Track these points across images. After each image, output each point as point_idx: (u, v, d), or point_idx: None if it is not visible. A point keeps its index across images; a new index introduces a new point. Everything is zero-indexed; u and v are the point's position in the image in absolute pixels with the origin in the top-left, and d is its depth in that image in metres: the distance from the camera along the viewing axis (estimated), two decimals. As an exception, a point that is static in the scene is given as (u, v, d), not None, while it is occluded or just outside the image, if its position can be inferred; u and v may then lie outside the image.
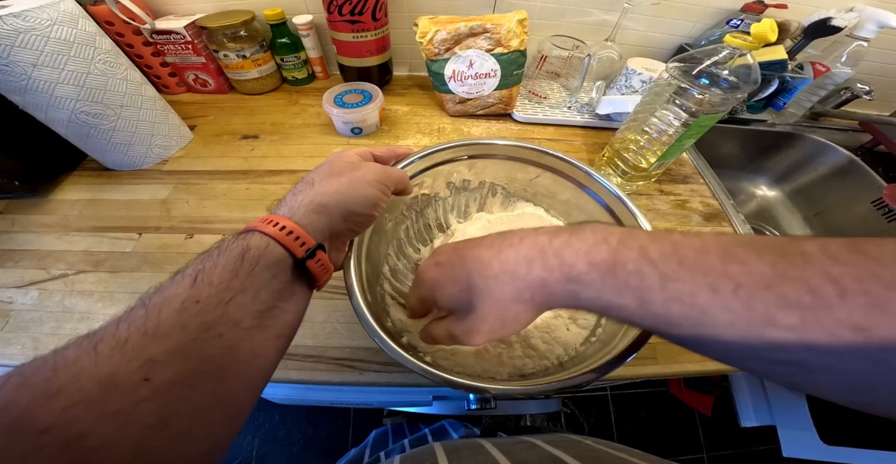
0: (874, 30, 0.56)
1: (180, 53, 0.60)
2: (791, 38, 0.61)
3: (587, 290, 0.18)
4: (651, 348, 0.39)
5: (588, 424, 1.10)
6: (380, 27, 0.58)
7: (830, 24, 0.56)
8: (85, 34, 0.42)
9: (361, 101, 0.56)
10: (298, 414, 1.06)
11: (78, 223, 0.47)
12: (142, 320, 0.16)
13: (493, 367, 0.34)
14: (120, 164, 0.53)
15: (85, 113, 0.45)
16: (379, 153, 0.30)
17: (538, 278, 0.19)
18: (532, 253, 0.20)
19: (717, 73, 0.39)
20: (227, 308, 0.18)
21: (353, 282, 0.28)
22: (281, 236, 0.21)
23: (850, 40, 0.58)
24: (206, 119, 0.62)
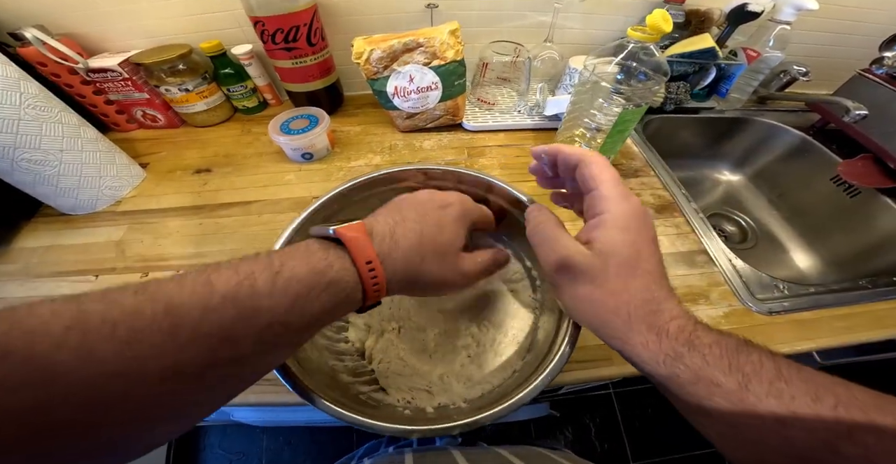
0: (792, 13, 0.57)
1: (121, 90, 0.60)
2: (717, 25, 0.62)
3: (695, 356, 0.19)
4: (604, 349, 0.39)
5: (594, 424, 1.09)
6: (318, 51, 0.58)
7: (748, 9, 0.57)
8: (8, 80, 0.42)
9: (308, 126, 0.56)
10: (303, 435, 1.06)
11: (38, 269, 0.47)
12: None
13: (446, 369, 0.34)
14: (73, 208, 0.52)
15: (26, 160, 0.45)
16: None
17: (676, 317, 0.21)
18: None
19: (632, 66, 0.39)
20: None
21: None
22: (369, 289, 0.22)
23: (773, 24, 0.60)
24: (159, 155, 0.63)
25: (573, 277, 0.22)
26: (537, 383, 0.26)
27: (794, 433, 0.17)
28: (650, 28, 0.36)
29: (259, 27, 0.52)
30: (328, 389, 0.27)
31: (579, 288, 0.22)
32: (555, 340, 0.29)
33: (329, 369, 0.31)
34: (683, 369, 0.19)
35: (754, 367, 0.19)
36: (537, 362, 0.29)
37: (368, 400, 0.30)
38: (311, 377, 0.27)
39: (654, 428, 1.08)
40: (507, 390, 0.29)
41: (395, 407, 0.31)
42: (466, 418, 0.24)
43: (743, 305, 0.43)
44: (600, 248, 0.22)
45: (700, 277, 0.45)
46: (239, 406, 0.37)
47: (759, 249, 0.71)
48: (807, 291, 0.45)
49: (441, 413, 0.31)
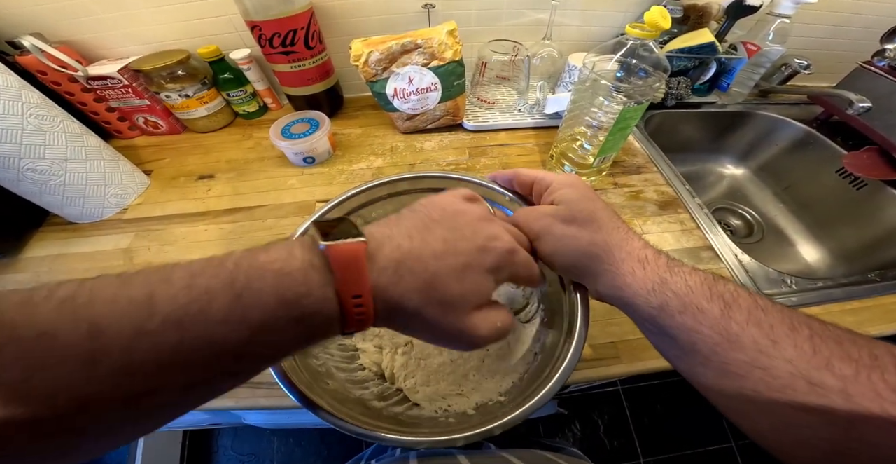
0: (791, 6, 0.57)
1: (122, 97, 0.60)
2: (716, 20, 0.62)
3: (678, 282, 0.21)
4: (614, 347, 0.39)
5: (602, 421, 1.09)
6: (316, 55, 0.58)
7: (746, 3, 0.57)
8: (9, 89, 0.42)
9: (308, 130, 0.56)
10: (313, 437, 1.07)
11: (48, 278, 0.47)
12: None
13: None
14: (79, 216, 0.53)
15: (31, 170, 0.45)
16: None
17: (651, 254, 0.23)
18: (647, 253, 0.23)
19: (631, 63, 0.39)
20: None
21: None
22: (352, 322, 0.18)
23: (773, 18, 0.59)
24: (163, 162, 0.63)
25: (552, 223, 0.25)
26: (569, 359, 0.26)
27: (775, 363, 0.17)
28: (648, 25, 0.36)
29: (256, 32, 0.52)
30: (365, 416, 0.27)
31: (560, 230, 0.24)
32: (573, 320, 0.29)
33: (357, 398, 0.31)
34: (671, 296, 0.20)
35: (732, 295, 0.19)
36: (560, 342, 0.29)
37: (407, 419, 0.30)
38: (344, 406, 0.27)
39: (663, 424, 1.08)
40: (537, 374, 0.29)
41: (437, 418, 0.31)
42: (510, 415, 0.25)
43: (749, 300, 0.43)
44: (560, 199, 0.26)
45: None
46: (252, 410, 0.37)
47: (766, 243, 0.71)
48: (815, 286, 0.44)
49: (483, 412, 0.31)
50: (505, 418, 0.24)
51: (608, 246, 0.23)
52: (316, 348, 0.32)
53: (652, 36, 0.37)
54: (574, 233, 0.24)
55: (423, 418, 0.32)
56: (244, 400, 0.37)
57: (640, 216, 0.51)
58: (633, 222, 0.50)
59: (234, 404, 0.37)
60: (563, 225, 0.25)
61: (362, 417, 0.26)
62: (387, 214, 0.37)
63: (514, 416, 0.25)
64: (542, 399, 0.25)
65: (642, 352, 0.39)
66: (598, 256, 0.23)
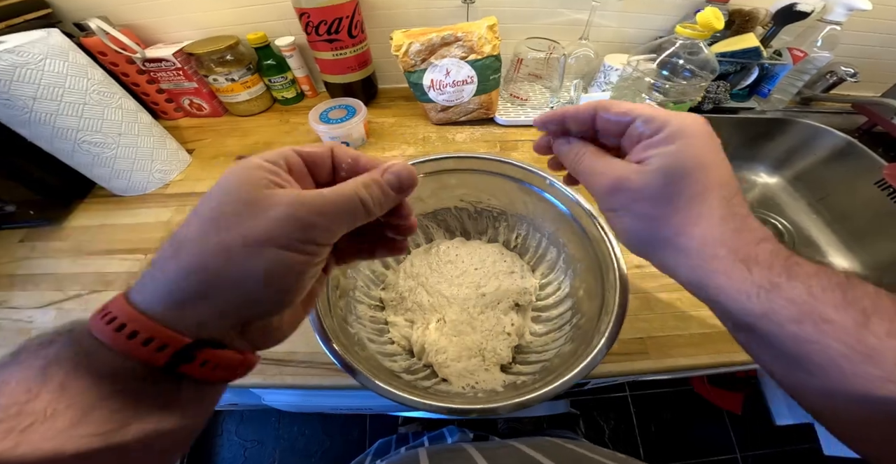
0: (844, 13, 0.55)
1: (173, 80, 0.63)
2: (762, 25, 0.61)
3: (796, 287, 0.16)
4: (641, 342, 0.39)
5: (608, 426, 1.07)
6: (358, 44, 0.60)
7: (797, 9, 0.56)
8: (77, 66, 0.45)
9: (346, 116, 0.58)
10: (315, 426, 1.08)
11: (90, 247, 0.50)
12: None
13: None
14: (125, 189, 0.56)
15: (87, 142, 0.48)
16: (310, 153, 0.18)
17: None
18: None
19: (678, 63, 0.39)
20: (25, 436, 0.12)
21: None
22: (116, 340, 0.14)
23: (823, 25, 0.58)
24: (204, 142, 0.66)
25: (630, 198, 0.19)
26: (600, 347, 0.26)
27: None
28: (701, 25, 0.36)
29: (304, 19, 0.54)
30: (399, 386, 0.28)
31: (638, 209, 0.19)
32: (607, 308, 0.29)
33: (388, 369, 0.32)
34: (783, 304, 0.16)
35: (873, 301, 0.15)
36: (591, 328, 0.30)
37: (437, 393, 0.31)
38: (380, 373, 0.28)
39: (669, 434, 1.06)
40: (566, 358, 0.30)
41: (465, 395, 0.32)
42: (547, 387, 0.25)
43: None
44: (658, 163, 0.18)
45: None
46: (278, 389, 0.38)
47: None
48: None
49: (511, 389, 0.32)
50: (545, 389, 0.25)
51: (704, 241, 0.18)
52: (351, 316, 0.33)
53: (703, 36, 0.37)
54: (661, 216, 0.18)
55: (452, 393, 0.32)
56: (271, 378, 0.37)
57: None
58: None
59: (261, 380, 0.37)
60: (649, 205, 0.19)
61: (399, 385, 0.27)
62: (432, 192, 0.38)
63: (552, 387, 0.25)
64: (576, 376, 0.25)
65: (671, 349, 0.38)
66: (686, 251, 0.18)
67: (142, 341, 0.14)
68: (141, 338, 0.14)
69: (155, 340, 0.14)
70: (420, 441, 0.54)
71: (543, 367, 0.33)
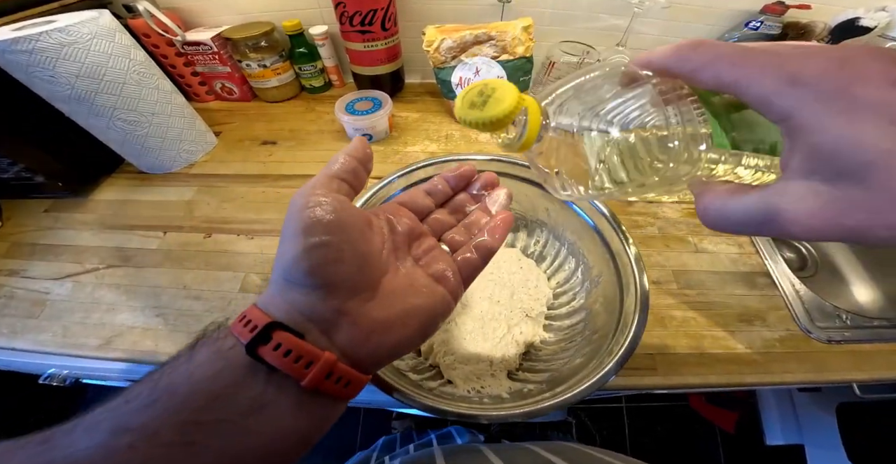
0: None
1: (208, 63, 0.64)
2: (817, 39, 0.58)
3: None
4: (651, 358, 0.39)
5: (600, 436, 1.07)
6: (390, 37, 0.60)
7: (859, 24, 0.53)
8: (121, 47, 0.46)
9: (371, 108, 0.58)
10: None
11: (112, 221, 0.51)
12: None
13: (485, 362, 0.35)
14: (152, 167, 0.57)
15: (121, 120, 0.50)
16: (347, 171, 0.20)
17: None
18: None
19: None
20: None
21: None
22: (234, 324, 0.16)
23: (883, 41, 0.55)
24: (231, 125, 0.67)
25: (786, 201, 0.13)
26: (622, 353, 0.26)
27: None
28: None
29: (340, 8, 0.55)
30: (408, 386, 0.28)
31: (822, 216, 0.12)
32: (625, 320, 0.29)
33: (395, 367, 0.32)
34: None
35: None
36: (606, 342, 0.29)
37: (442, 395, 0.31)
38: (388, 371, 0.28)
39: (660, 447, 1.05)
40: (575, 369, 0.30)
41: (470, 398, 0.32)
42: (556, 399, 0.25)
43: (802, 331, 0.41)
44: (808, 164, 0.12)
45: (759, 299, 0.43)
46: None
47: (818, 279, 0.67)
48: (870, 324, 0.43)
49: (517, 397, 0.31)
50: (554, 400, 0.25)
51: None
52: None
53: None
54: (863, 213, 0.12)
55: (457, 396, 0.32)
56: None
57: (697, 234, 0.50)
58: (688, 239, 0.49)
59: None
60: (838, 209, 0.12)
61: (409, 386, 0.27)
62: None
63: (562, 400, 0.25)
64: (585, 391, 0.25)
65: (681, 367, 0.38)
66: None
67: (243, 324, 0.16)
68: (245, 321, 0.16)
69: (249, 319, 0.16)
70: (427, 439, 0.54)
71: (552, 376, 0.33)
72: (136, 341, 0.39)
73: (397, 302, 0.18)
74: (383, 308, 0.18)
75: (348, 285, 0.17)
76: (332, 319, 0.17)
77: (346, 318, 0.17)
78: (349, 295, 0.17)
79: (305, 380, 0.15)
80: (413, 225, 0.23)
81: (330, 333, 0.17)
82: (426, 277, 0.20)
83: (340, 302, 0.17)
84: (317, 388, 0.15)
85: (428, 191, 0.25)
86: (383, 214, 0.22)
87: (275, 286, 0.17)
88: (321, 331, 0.17)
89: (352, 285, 0.17)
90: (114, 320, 0.41)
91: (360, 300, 0.17)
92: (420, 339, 0.19)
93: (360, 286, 0.17)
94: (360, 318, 0.17)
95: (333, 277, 0.17)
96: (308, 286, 0.16)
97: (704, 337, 0.40)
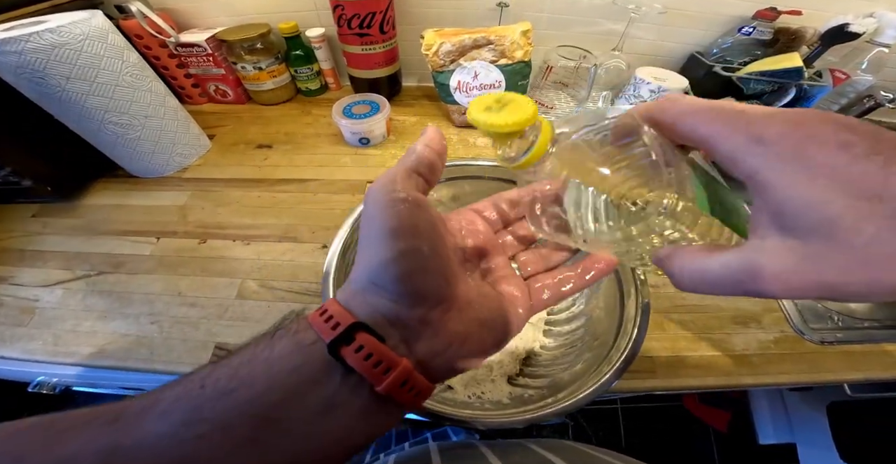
0: (895, 35, 0.54)
1: (202, 65, 0.63)
2: (807, 44, 0.59)
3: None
4: (651, 361, 0.39)
5: (596, 437, 1.08)
6: (387, 40, 0.60)
7: (848, 30, 0.54)
8: (114, 48, 0.45)
9: (369, 112, 0.58)
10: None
11: (103, 227, 0.50)
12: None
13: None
14: (144, 171, 0.56)
15: (112, 123, 0.49)
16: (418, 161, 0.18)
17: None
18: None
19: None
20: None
21: None
22: (314, 318, 0.16)
23: (871, 46, 0.57)
24: (225, 129, 0.66)
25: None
26: (624, 358, 0.26)
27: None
28: None
29: (338, 11, 0.54)
30: None
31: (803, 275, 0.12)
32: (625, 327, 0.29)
33: None
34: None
35: None
36: (607, 349, 0.29)
37: (444, 401, 0.31)
38: None
39: (655, 447, 1.06)
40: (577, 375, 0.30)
41: (471, 403, 0.32)
42: (560, 405, 0.25)
43: (795, 332, 0.42)
44: (784, 223, 0.12)
45: (754, 301, 0.44)
46: None
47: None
48: (860, 325, 0.44)
49: (518, 402, 0.31)
50: (555, 407, 0.25)
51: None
52: None
53: None
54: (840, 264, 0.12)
55: (457, 401, 0.32)
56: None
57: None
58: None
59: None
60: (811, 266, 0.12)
61: None
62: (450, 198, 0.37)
63: (563, 407, 0.25)
64: (586, 397, 0.25)
65: (680, 369, 0.38)
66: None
67: (325, 317, 0.16)
68: (326, 315, 0.16)
69: (334, 317, 0.16)
70: (423, 437, 0.54)
71: (552, 382, 0.33)
72: (131, 350, 0.38)
73: (473, 314, 0.18)
74: (461, 320, 0.17)
75: (434, 295, 0.17)
76: (414, 328, 0.16)
77: (429, 328, 0.17)
78: (433, 305, 0.17)
79: (382, 386, 0.15)
80: (485, 240, 0.22)
81: (409, 341, 0.16)
82: (495, 293, 0.20)
83: (425, 312, 0.16)
84: (389, 394, 0.15)
85: (512, 201, 0.23)
86: (456, 220, 0.21)
87: (357, 284, 0.17)
88: (401, 338, 0.16)
89: (437, 295, 0.17)
90: (106, 328, 0.40)
91: (441, 311, 0.17)
92: (491, 353, 0.19)
93: (443, 296, 0.17)
94: (441, 329, 0.17)
95: (421, 287, 0.16)
96: (395, 293, 0.16)
97: (702, 339, 0.40)
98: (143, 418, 0.14)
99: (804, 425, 0.80)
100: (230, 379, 0.14)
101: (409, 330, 0.16)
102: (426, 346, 0.16)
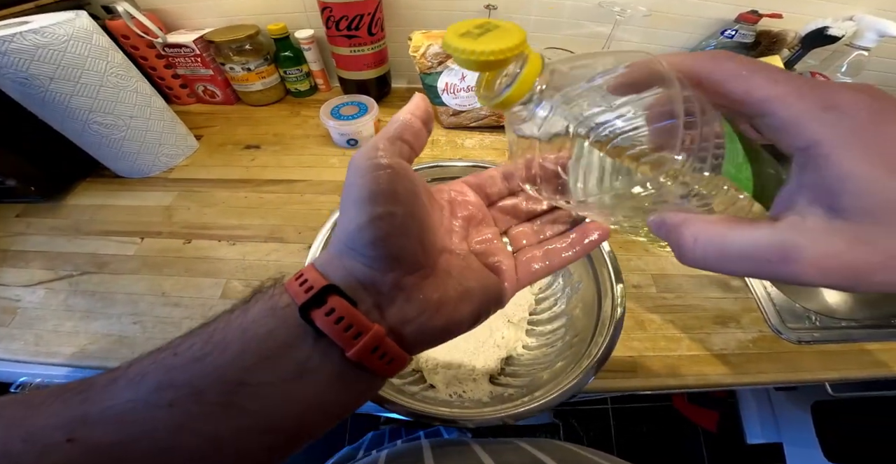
0: (874, 39, 0.55)
1: (190, 66, 0.63)
2: (789, 47, 0.60)
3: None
4: (631, 361, 0.39)
5: (587, 437, 1.08)
6: (376, 42, 0.60)
7: (828, 33, 0.55)
8: (98, 49, 0.45)
9: (357, 113, 0.58)
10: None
11: (87, 227, 0.50)
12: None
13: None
14: (129, 171, 0.56)
15: (97, 123, 0.48)
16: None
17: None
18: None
19: None
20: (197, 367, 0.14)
21: None
22: (290, 282, 0.16)
23: (850, 50, 0.58)
24: (213, 129, 0.66)
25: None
26: (600, 355, 0.26)
27: None
28: None
29: (326, 13, 0.55)
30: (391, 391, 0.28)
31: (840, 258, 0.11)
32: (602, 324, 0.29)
33: None
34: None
35: None
36: (585, 346, 0.30)
37: (424, 399, 0.31)
38: None
39: (645, 447, 1.07)
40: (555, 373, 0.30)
41: (451, 402, 0.32)
42: (536, 403, 0.25)
43: (773, 331, 0.42)
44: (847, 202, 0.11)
45: (734, 301, 0.45)
46: None
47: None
48: (838, 325, 0.44)
49: (498, 401, 0.32)
50: (533, 405, 0.25)
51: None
52: None
53: None
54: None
55: (438, 400, 0.32)
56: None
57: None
58: (658, 240, 0.50)
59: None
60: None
61: (390, 391, 0.27)
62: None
63: (540, 404, 0.25)
64: (564, 394, 0.26)
65: (660, 368, 0.39)
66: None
67: (299, 281, 0.16)
68: (301, 280, 0.16)
69: (308, 280, 0.15)
70: (416, 434, 0.54)
71: (532, 380, 0.34)
72: (112, 350, 0.38)
73: (452, 283, 0.17)
74: (437, 288, 0.17)
75: (409, 260, 0.16)
76: (387, 293, 0.16)
77: (402, 293, 0.16)
78: (408, 270, 0.16)
79: (351, 351, 0.14)
80: (475, 211, 0.21)
81: (382, 306, 0.16)
82: (480, 265, 0.19)
83: (399, 276, 0.16)
84: (360, 361, 0.15)
85: (506, 175, 0.22)
86: (447, 192, 0.21)
87: (335, 248, 0.17)
88: (374, 303, 0.16)
89: (413, 260, 0.16)
90: (88, 328, 0.40)
91: (418, 277, 0.17)
92: (468, 325, 0.18)
93: (420, 262, 0.17)
94: (415, 295, 0.16)
95: (396, 251, 0.16)
96: (369, 257, 0.16)
97: (682, 339, 0.41)
98: (113, 387, 0.13)
99: (790, 425, 0.81)
100: (203, 344, 0.14)
101: (382, 296, 0.16)
102: (398, 312, 0.16)
